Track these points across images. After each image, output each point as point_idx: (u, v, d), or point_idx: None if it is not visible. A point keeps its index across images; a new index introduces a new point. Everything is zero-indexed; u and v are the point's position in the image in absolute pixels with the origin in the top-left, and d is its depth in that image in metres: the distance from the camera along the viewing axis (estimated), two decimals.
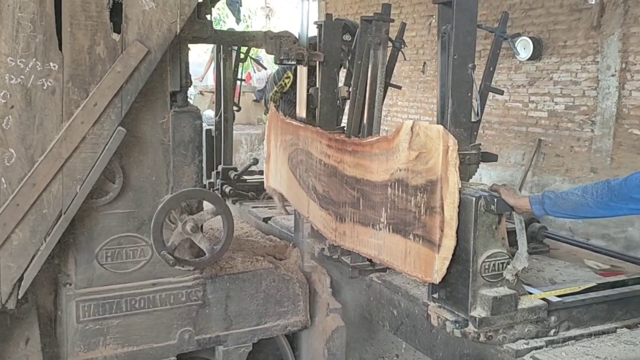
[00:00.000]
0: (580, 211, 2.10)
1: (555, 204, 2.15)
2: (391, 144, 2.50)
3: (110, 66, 2.38)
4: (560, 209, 2.15)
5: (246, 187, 4.69)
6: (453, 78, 2.39)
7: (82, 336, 2.64)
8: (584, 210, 2.08)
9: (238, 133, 9.42)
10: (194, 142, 2.75)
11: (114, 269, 2.69)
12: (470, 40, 2.40)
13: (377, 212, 2.63)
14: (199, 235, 2.71)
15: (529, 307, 2.33)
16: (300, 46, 3.27)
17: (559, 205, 2.14)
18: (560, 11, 6.67)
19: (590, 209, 2.05)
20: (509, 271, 2.29)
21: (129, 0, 2.38)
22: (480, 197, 2.23)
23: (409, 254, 2.45)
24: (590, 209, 2.05)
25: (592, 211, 2.07)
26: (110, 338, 2.69)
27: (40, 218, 2.36)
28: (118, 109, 2.41)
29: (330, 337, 3.14)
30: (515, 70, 7.28)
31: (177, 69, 2.69)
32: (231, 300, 2.96)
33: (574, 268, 3.26)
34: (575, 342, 2.37)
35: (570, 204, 2.12)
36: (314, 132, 3.24)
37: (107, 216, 2.63)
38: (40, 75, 2.30)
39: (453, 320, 2.31)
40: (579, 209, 2.09)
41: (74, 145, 2.35)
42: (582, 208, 2.08)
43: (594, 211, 2.06)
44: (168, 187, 2.73)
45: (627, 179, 1.94)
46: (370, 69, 3.04)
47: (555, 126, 6.84)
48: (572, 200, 2.11)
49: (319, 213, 3.20)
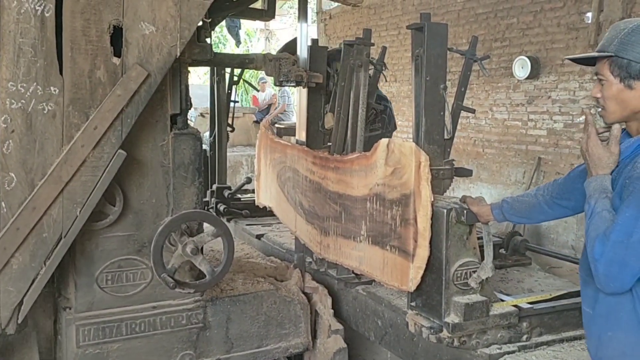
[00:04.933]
0: (533, 212, 2.20)
1: (512, 207, 2.26)
2: (370, 160, 2.65)
3: (110, 90, 2.39)
4: (516, 212, 2.25)
5: (240, 205, 4.82)
6: (426, 98, 2.55)
7: None
8: (536, 210, 2.18)
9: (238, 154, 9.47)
10: (194, 164, 2.76)
11: (114, 292, 2.67)
12: (441, 63, 2.56)
13: (357, 225, 2.78)
14: (200, 257, 2.70)
15: (501, 313, 2.47)
16: (299, 68, 3.31)
17: (515, 209, 2.25)
18: (558, 30, 6.74)
19: (541, 208, 2.15)
20: (474, 279, 2.42)
21: (129, 24, 2.40)
22: (452, 209, 2.38)
23: (386, 264, 2.59)
24: (541, 208, 2.15)
25: (543, 211, 2.16)
26: None
27: (40, 242, 2.35)
28: (118, 132, 2.42)
29: (333, 358, 3.11)
30: (513, 89, 7.32)
31: (177, 91, 2.70)
32: (232, 323, 2.94)
33: (552, 279, 3.43)
34: (546, 347, 2.51)
35: (524, 205, 2.22)
36: (300, 150, 3.41)
37: (107, 239, 2.63)
38: (41, 100, 2.31)
39: (428, 326, 2.45)
40: (532, 210, 2.19)
41: (74, 169, 2.35)
42: (534, 209, 2.18)
43: (544, 211, 2.15)
44: (168, 210, 2.72)
45: (569, 173, 2.06)
46: (353, 90, 3.18)
47: (554, 144, 6.86)
48: (526, 202, 2.22)
49: (305, 227, 3.34)
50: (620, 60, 1.66)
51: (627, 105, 1.69)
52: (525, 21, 7.12)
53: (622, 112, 1.71)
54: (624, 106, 1.70)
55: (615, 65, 1.67)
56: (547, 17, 6.84)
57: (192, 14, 2.48)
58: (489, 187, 7.68)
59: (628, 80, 1.66)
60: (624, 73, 1.66)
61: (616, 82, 1.68)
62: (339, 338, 3.12)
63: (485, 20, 7.66)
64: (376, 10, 9.78)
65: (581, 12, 6.46)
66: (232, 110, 5.00)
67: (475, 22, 7.81)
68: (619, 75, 1.67)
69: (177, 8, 2.45)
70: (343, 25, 10.78)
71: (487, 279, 2.42)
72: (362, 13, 10.10)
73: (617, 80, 1.68)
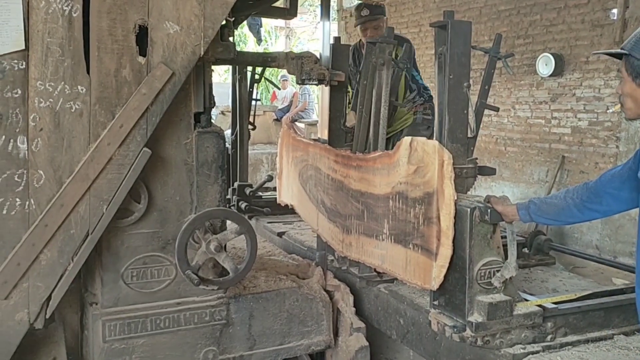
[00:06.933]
0: (561, 215, 2.18)
1: (540, 209, 2.24)
2: (392, 159, 2.65)
3: (135, 88, 2.42)
4: (544, 213, 2.23)
5: (261, 203, 4.83)
6: (449, 97, 2.55)
7: (108, 355, 2.65)
8: (565, 214, 2.16)
9: (259, 152, 9.51)
10: (217, 162, 2.78)
11: (139, 288, 2.70)
12: (464, 61, 2.55)
13: (380, 223, 2.78)
14: (223, 254, 2.72)
15: (525, 313, 2.45)
16: (321, 66, 3.31)
17: (543, 210, 2.23)
18: (582, 27, 6.64)
19: (571, 211, 2.13)
20: (497, 279, 2.40)
21: (154, 24, 2.43)
22: (475, 208, 2.37)
23: (409, 263, 2.59)
24: (571, 211, 2.13)
25: (572, 214, 2.14)
26: (136, 357, 2.70)
27: (68, 238, 2.39)
28: (143, 130, 2.45)
29: (355, 356, 3.11)
30: (537, 86, 7.24)
31: (200, 90, 2.72)
32: (255, 320, 2.96)
33: (577, 279, 3.40)
34: (571, 347, 2.49)
35: (553, 208, 2.20)
36: (322, 149, 3.41)
37: (132, 236, 2.66)
38: (69, 98, 2.35)
39: (452, 325, 2.44)
40: (560, 212, 2.17)
41: (101, 167, 2.39)
42: (563, 212, 2.16)
43: (573, 214, 2.14)
44: (192, 207, 2.75)
45: (601, 177, 2.04)
46: (375, 88, 3.17)
47: (579, 142, 6.77)
48: (554, 204, 2.20)
49: (327, 226, 3.35)
50: (633, 59, 1.67)
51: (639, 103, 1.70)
52: (548, 18, 7.03)
53: (637, 110, 1.71)
54: (638, 104, 1.70)
55: (629, 64, 1.68)
56: (571, 13, 6.74)
57: (215, 13, 2.50)
58: (511, 186, 7.60)
59: (638, 80, 1.67)
60: (635, 72, 1.67)
61: (630, 80, 1.69)
62: (361, 336, 3.12)
63: (508, 17, 7.58)
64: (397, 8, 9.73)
65: (606, 8, 6.36)
66: (254, 108, 5.03)
67: (498, 19, 7.73)
68: (632, 73, 1.68)
69: (201, 7, 2.47)
70: None
71: (510, 278, 2.41)
72: None
73: (630, 79, 1.69)
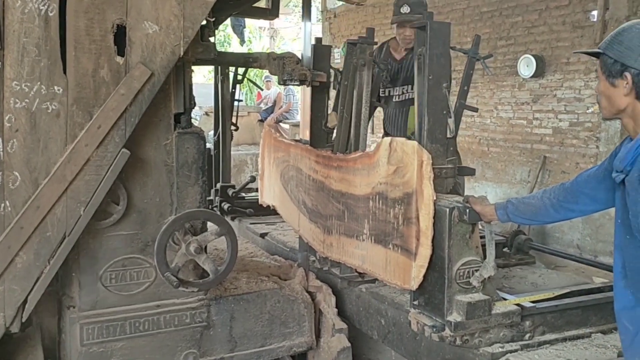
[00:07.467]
0: (538, 215, 2.19)
1: (517, 209, 2.26)
2: (372, 159, 2.65)
3: (114, 89, 2.40)
4: (521, 213, 2.25)
5: (244, 204, 4.82)
6: (428, 97, 2.55)
7: (86, 359, 2.62)
8: (542, 213, 2.17)
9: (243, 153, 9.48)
10: (197, 163, 2.76)
11: (118, 291, 2.68)
12: (444, 62, 2.57)
13: (360, 224, 2.78)
14: (203, 256, 2.70)
15: (503, 312, 2.47)
16: (303, 67, 3.31)
17: (520, 210, 2.25)
18: (563, 28, 6.70)
19: (547, 211, 2.15)
20: (476, 278, 2.42)
21: (133, 23, 2.40)
22: (454, 208, 2.38)
23: (389, 263, 2.59)
24: (547, 211, 2.15)
25: (549, 214, 2.15)
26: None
27: (44, 241, 2.36)
28: (122, 131, 2.43)
29: (337, 357, 3.10)
30: (519, 87, 7.29)
31: (180, 90, 2.70)
32: (236, 322, 2.94)
33: (556, 275, 3.48)
34: (549, 346, 2.51)
35: (530, 207, 2.21)
36: (303, 150, 3.41)
37: (110, 238, 2.63)
38: (45, 99, 2.32)
39: (431, 325, 2.45)
40: (537, 212, 2.19)
41: (78, 168, 2.36)
42: (540, 211, 2.17)
43: (550, 214, 2.15)
44: (172, 209, 2.73)
45: (577, 177, 2.06)
46: (356, 89, 3.16)
47: (560, 143, 6.83)
48: (532, 204, 2.21)
49: (308, 226, 3.35)
50: (607, 57, 1.70)
51: (613, 102, 1.72)
52: (530, 19, 7.09)
53: (611, 109, 1.74)
54: (611, 103, 1.73)
55: (604, 63, 1.72)
56: (552, 15, 6.80)
57: (195, 13, 2.48)
58: (494, 186, 7.65)
59: (611, 78, 1.70)
60: (608, 71, 1.70)
61: (604, 79, 1.72)
62: (343, 337, 3.11)
63: (490, 18, 7.63)
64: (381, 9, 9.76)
65: (586, 10, 6.43)
66: (236, 109, 5.01)
67: (480, 20, 7.77)
68: (605, 72, 1.71)
69: (181, 7, 2.45)
70: (348, 23, 10.75)
71: (489, 277, 2.42)
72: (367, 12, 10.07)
73: (604, 77, 1.72)
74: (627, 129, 1.74)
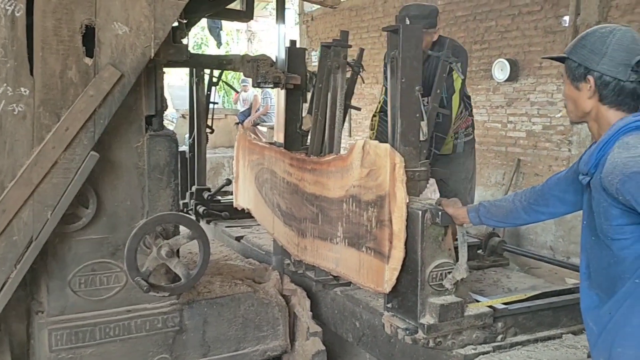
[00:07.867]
0: (509, 217, 2.21)
1: (489, 211, 2.27)
2: (345, 162, 2.66)
3: (82, 90, 2.36)
4: (493, 215, 2.27)
5: (220, 207, 4.81)
6: (401, 100, 2.56)
7: None
8: (513, 215, 2.19)
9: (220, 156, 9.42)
10: (169, 166, 2.73)
11: (88, 296, 2.63)
12: (416, 65, 2.57)
13: (334, 226, 2.79)
14: (175, 260, 2.67)
15: (475, 314, 2.49)
16: (277, 69, 3.30)
17: (492, 212, 2.27)
18: (535, 33, 6.79)
19: (518, 214, 2.16)
20: (448, 280, 2.43)
21: (102, 24, 2.37)
22: (427, 210, 2.39)
23: (362, 266, 2.60)
24: (518, 214, 2.16)
25: (520, 216, 2.17)
26: None
27: (10, 245, 2.31)
28: (91, 134, 2.39)
29: None
30: (493, 91, 7.37)
31: (152, 92, 2.67)
32: (209, 326, 2.91)
33: (529, 278, 3.51)
34: (521, 347, 2.54)
35: (501, 210, 2.23)
36: (277, 152, 3.41)
37: (80, 242, 2.59)
38: (11, 101, 2.27)
39: (404, 327, 2.45)
40: (508, 214, 2.21)
41: (45, 171, 2.32)
42: (511, 214, 2.19)
43: (521, 216, 2.17)
44: (143, 212, 2.69)
45: (547, 180, 2.08)
46: (330, 91, 3.17)
47: (533, 146, 6.92)
48: (503, 206, 2.23)
49: (282, 229, 3.34)
50: (572, 62, 1.73)
51: (578, 105, 1.75)
52: (503, 24, 7.18)
53: (577, 113, 1.77)
54: (577, 106, 1.76)
55: (569, 67, 1.75)
56: (525, 20, 6.89)
57: (166, 14, 2.46)
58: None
59: (575, 82, 1.73)
60: (572, 75, 1.73)
61: (569, 83, 1.75)
62: (318, 340, 3.10)
63: (465, 22, 7.70)
64: (357, 12, 9.80)
65: (558, 15, 6.52)
66: (212, 112, 4.98)
67: (455, 24, 7.85)
68: (570, 76, 1.74)
69: (151, 8, 2.42)
70: (325, 27, 10.77)
71: (462, 280, 2.43)
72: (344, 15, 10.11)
73: (569, 81, 1.75)
74: (592, 132, 1.76)
